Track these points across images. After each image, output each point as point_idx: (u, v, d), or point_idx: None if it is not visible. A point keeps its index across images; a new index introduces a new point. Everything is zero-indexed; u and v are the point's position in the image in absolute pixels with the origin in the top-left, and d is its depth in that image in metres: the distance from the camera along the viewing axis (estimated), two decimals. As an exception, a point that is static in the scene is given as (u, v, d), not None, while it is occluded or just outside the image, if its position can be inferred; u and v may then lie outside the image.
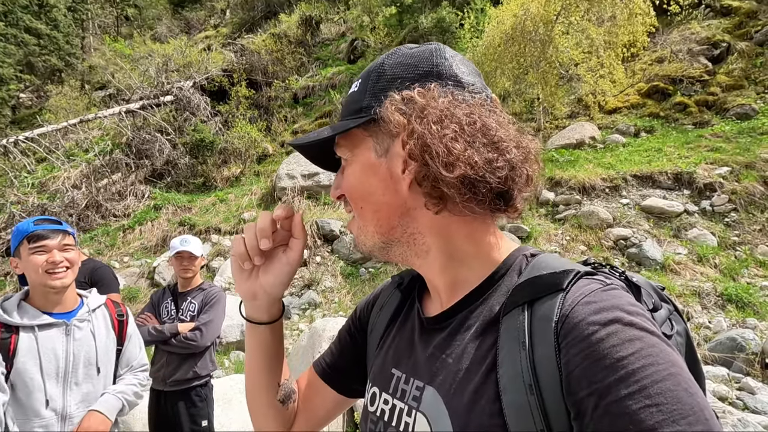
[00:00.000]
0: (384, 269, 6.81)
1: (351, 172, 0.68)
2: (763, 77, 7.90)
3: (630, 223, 6.23)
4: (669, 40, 8.76)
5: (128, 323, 1.97)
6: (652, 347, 0.47)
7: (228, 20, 18.96)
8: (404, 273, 0.84)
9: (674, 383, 0.44)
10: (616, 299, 0.52)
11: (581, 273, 0.56)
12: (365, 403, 0.75)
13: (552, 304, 0.54)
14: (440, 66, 0.65)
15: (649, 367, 0.45)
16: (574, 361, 0.49)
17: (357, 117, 0.66)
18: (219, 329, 2.83)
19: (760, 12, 8.64)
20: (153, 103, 12.17)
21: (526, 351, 0.53)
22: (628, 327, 0.48)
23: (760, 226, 5.92)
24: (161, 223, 9.32)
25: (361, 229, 0.69)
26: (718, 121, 7.70)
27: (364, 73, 0.69)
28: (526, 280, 0.59)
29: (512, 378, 0.53)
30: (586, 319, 0.50)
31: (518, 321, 0.56)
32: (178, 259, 2.83)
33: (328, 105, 11.28)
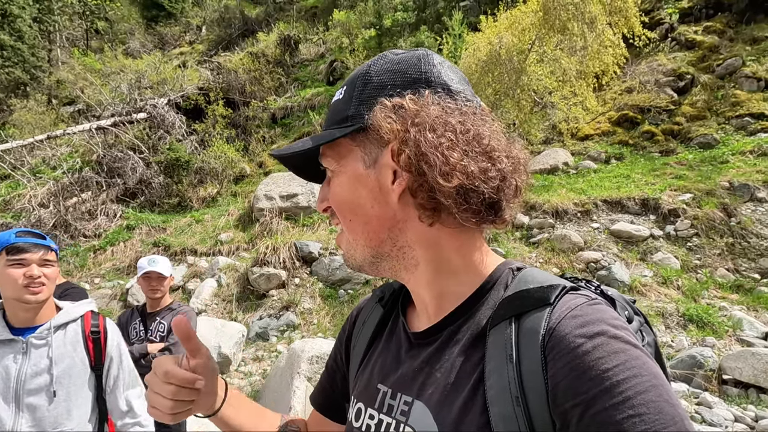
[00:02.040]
0: (363, 291, 6.82)
1: (338, 184, 0.66)
2: (723, 109, 8.41)
3: (600, 246, 6.47)
4: (637, 71, 9.24)
5: (107, 340, 1.79)
6: (636, 359, 0.48)
7: (204, 37, 18.88)
8: (384, 287, 0.83)
9: (656, 395, 0.46)
10: (601, 313, 0.53)
11: (567, 288, 0.57)
12: (350, 417, 0.73)
13: (539, 318, 0.54)
14: (429, 73, 0.63)
15: (632, 379, 0.46)
16: (561, 373, 0.50)
17: (343, 126, 0.64)
18: None
19: (722, 47, 9.23)
20: (125, 120, 11.93)
21: (513, 364, 0.53)
22: (612, 340, 0.49)
23: (720, 250, 6.25)
24: (134, 243, 9.08)
25: (350, 243, 0.67)
26: (683, 150, 8.13)
27: (349, 80, 0.67)
28: (513, 293, 0.59)
29: (499, 390, 0.53)
30: (573, 332, 0.51)
31: (505, 334, 0.56)
32: (146, 279, 2.81)
33: (307, 126, 11.32)
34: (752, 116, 8.13)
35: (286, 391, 4.32)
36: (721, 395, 4.00)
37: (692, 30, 9.57)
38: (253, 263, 7.30)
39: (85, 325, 1.79)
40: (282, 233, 7.91)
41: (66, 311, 1.78)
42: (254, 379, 5.45)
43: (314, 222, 8.18)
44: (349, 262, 0.69)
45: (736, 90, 8.53)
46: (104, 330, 1.81)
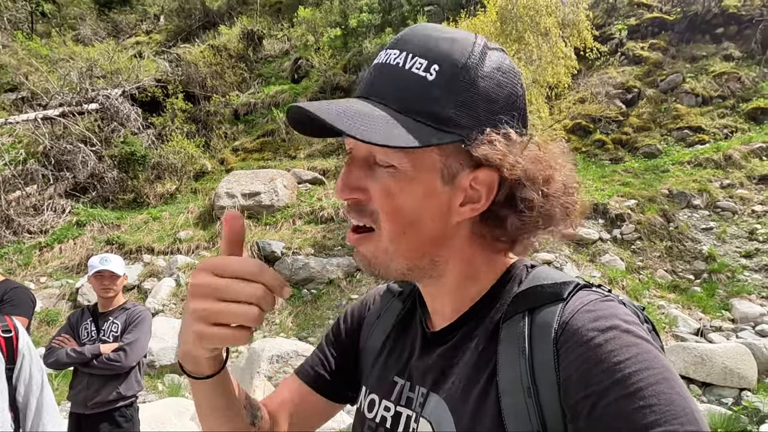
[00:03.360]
0: (326, 290, 6.86)
1: (408, 191, 0.58)
2: (666, 121, 9.04)
3: (553, 248, 6.82)
4: (590, 83, 9.76)
5: (18, 339, 1.78)
6: (648, 353, 0.49)
7: (162, 27, 18.18)
8: (402, 282, 0.80)
9: (668, 386, 0.46)
10: (614, 309, 0.53)
11: (580, 285, 0.58)
12: (361, 409, 0.73)
13: (552, 312, 0.55)
14: (521, 98, 0.60)
15: (644, 371, 0.47)
16: (573, 366, 0.50)
17: (438, 128, 0.55)
18: (145, 349, 2.79)
19: (665, 63, 9.91)
20: (75, 111, 11.32)
21: (525, 356, 0.54)
22: (625, 334, 0.50)
23: (659, 253, 6.75)
24: (85, 241, 8.69)
25: (389, 252, 0.61)
26: (630, 158, 8.68)
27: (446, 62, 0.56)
28: (526, 288, 0.60)
29: (511, 382, 0.54)
30: (586, 326, 0.52)
31: (518, 327, 0.57)
32: (98, 278, 2.75)
33: (271, 124, 11.18)
34: (691, 129, 8.80)
35: (247, 391, 4.30)
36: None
37: (639, 46, 10.22)
38: (214, 262, 7.18)
39: None
40: (244, 232, 7.82)
41: None
42: (214, 379, 5.39)
43: (277, 221, 8.13)
44: (376, 269, 0.62)
45: (677, 104, 9.19)
46: (15, 329, 1.80)
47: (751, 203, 7.03)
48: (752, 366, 4.11)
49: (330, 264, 7.02)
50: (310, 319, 6.41)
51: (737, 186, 7.31)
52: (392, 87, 0.57)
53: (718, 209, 7.11)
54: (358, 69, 11.46)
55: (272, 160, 10.22)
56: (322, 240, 7.47)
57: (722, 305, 5.83)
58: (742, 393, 4.00)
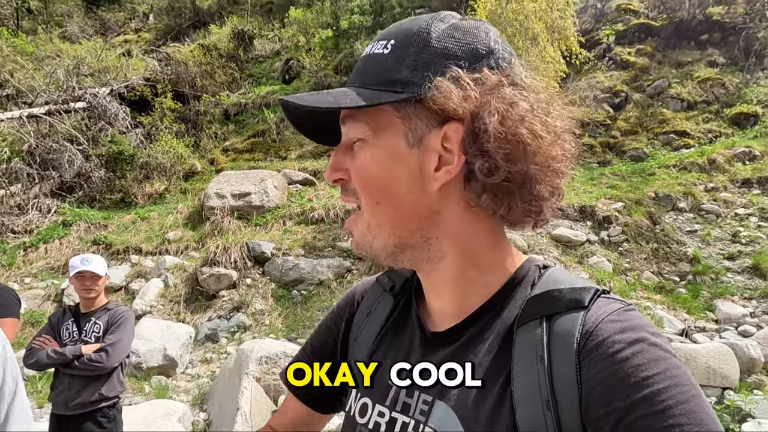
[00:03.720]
0: (317, 291, 6.85)
1: (371, 157, 0.58)
2: (652, 125, 9.19)
3: (542, 250, 6.89)
4: (578, 87, 9.89)
5: None
6: (677, 368, 0.47)
7: (151, 25, 18.02)
8: (392, 275, 0.76)
9: (697, 405, 0.44)
10: (639, 320, 0.51)
11: (600, 291, 0.55)
12: (351, 412, 0.68)
13: (573, 320, 0.52)
14: (497, 50, 0.57)
15: (674, 388, 0.45)
16: (596, 378, 0.48)
17: (391, 90, 0.55)
18: (127, 350, 2.78)
19: (651, 68, 10.08)
20: (61, 109, 11.17)
21: (544, 365, 0.51)
22: (653, 347, 0.48)
23: (646, 255, 6.85)
24: (71, 241, 8.56)
25: (370, 228, 0.60)
26: (617, 161, 8.81)
27: (401, 35, 0.58)
28: (542, 293, 0.57)
29: (528, 392, 0.51)
30: (612, 338, 0.49)
31: (535, 334, 0.53)
32: (79, 279, 2.74)
33: (262, 124, 11.13)
34: (676, 133, 8.96)
35: (234, 392, 4.29)
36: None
37: (626, 51, 10.39)
38: (203, 263, 7.13)
39: None
40: (233, 233, 7.77)
41: None
42: (202, 381, 5.35)
43: (267, 222, 8.10)
44: (363, 248, 0.62)
45: (663, 109, 9.35)
46: None
47: (734, 206, 7.17)
48: (734, 366, 4.20)
49: (320, 265, 7.01)
50: (299, 321, 6.40)
51: (721, 189, 7.46)
52: (360, 71, 0.60)
53: (702, 212, 7.24)
54: (350, 70, 11.47)
55: (263, 160, 10.18)
56: (312, 241, 7.45)
57: (706, 306, 5.94)
58: (725, 392, 4.09)
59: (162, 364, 5.34)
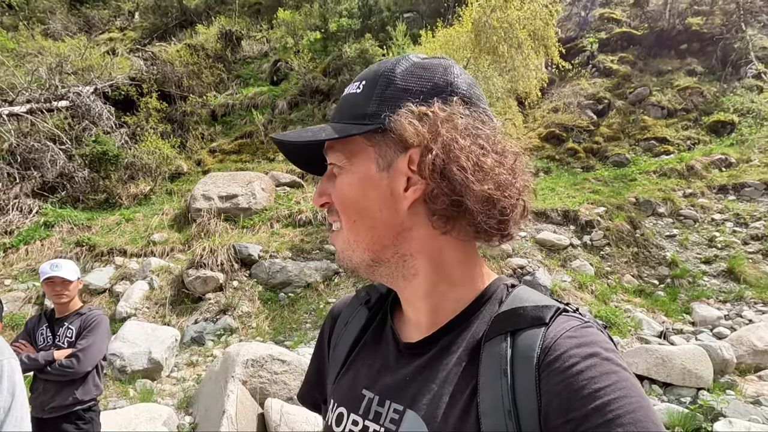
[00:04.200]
0: (304, 294, 6.87)
1: (347, 182, 0.65)
2: (634, 132, 9.42)
3: (526, 254, 7.02)
4: (563, 93, 10.08)
5: None
6: (626, 381, 0.51)
7: (137, 24, 17.81)
8: (369, 288, 0.81)
9: (644, 415, 0.49)
10: (594, 336, 0.56)
11: (560, 309, 0.59)
12: (329, 422, 0.72)
13: (534, 336, 0.56)
14: (454, 84, 0.64)
15: (623, 399, 0.49)
16: (554, 390, 0.52)
17: (361, 123, 0.63)
18: (100, 354, 2.78)
19: (633, 76, 10.33)
20: (44, 108, 10.99)
21: (507, 378, 0.55)
22: (605, 362, 0.52)
23: (627, 258, 7.03)
24: (53, 242, 8.42)
25: (350, 243, 0.66)
26: (600, 167, 9.00)
27: (370, 75, 0.66)
28: (508, 310, 0.61)
29: (492, 404, 0.55)
30: (568, 352, 0.53)
31: (500, 349, 0.57)
32: (50, 284, 2.73)
33: (249, 125, 11.09)
34: (657, 140, 9.19)
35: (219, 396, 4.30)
36: (623, 387, 4.55)
37: (609, 59, 10.63)
38: (189, 265, 7.09)
39: None
40: (220, 235, 7.75)
41: None
42: (188, 384, 5.33)
43: (254, 224, 8.09)
44: (344, 262, 0.68)
45: (644, 116, 9.59)
46: None
47: (710, 212, 7.40)
48: (708, 366, 4.35)
49: (308, 267, 7.03)
50: (287, 323, 6.41)
51: (698, 195, 7.68)
52: (338, 109, 0.68)
53: (681, 217, 7.45)
54: (338, 73, 11.51)
55: (250, 162, 10.15)
56: (300, 243, 7.47)
57: (683, 309, 6.12)
58: (699, 392, 4.23)
59: (147, 368, 5.30)
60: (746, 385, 4.38)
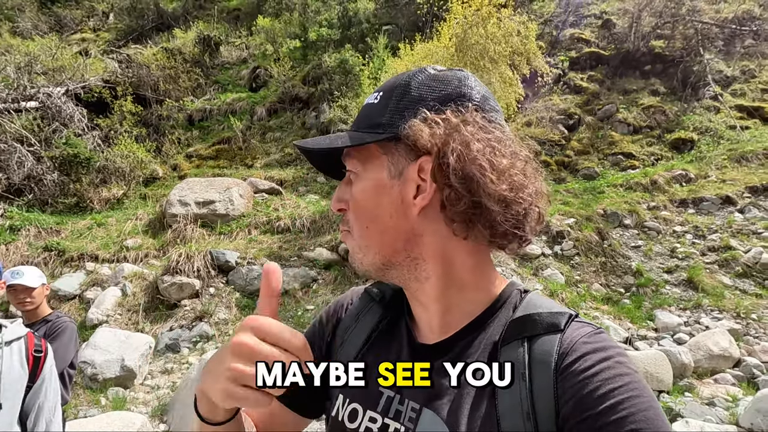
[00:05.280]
0: (282, 301, 6.88)
1: (361, 189, 0.67)
2: (603, 147, 9.85)
3: (500, 262, 7.22)
4: (535, 108, 10.46)
5: (45, 360, 1.92)
6: (638, 382, 0.54)
7: (111, 25, 17.47)
8: (382, 286, 0.81)
9: (654, 414, 0.51)
10: (607, 342, 0.59)
11: (573, 316, 0.62)
12: (340, 417, 0.71)
13: (551, 342, 0.59)
14: (468, 94, 0.65)
15: (635, 398, 0.52)
16: (570, 392, 0.54)
17: (375, 132, 0.65)
18: (65, 361, 2.70)
19: (601, 94, 10.81)
20: (11, 108, 10.68)
21: (525, 382, 0.57)
22: (618, 365, 0.55)
23: (595, 267, 7.33)
24: (19, 246, 8.15)
25: (361, 247, 0.68)
26: (571, 179, 9.36)
27: (387, 87, 0.68)
28: (524, 315, 0.63)
29: (511, 406, 0.57)
30: (584, 357, 0.56)
31: (518, 353, 0.59)
32: (12, 292, 2.68)
33: (227, 131, 11.04)
34: (623, 155, 9.64)
35: (197, 403, 4.28)
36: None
37: (579, 77, 11.10)
38: (164, 271, 7.00)
39: (28, 344, 1.91)
40: (197, 241, 7.68)
41: (12, 329, 1.89)
42: (162, 392, 5.26)
43: (232, 230, 8.05)
44: (356, 264, 0.70)
45: (612, 132, 10.05)
46: (46, 351, 1.94)
47: (672, 224, 7.81)
48: (668, 370, 4.60)
49: (286, 275, 7.04)
50: (264, 330, 6.40)
51: (661, 208, 8.10)
52: (358, 118, 0.71)
53: (645, 229, 7.82)
54: (318, 81, 11.60)
55: (228, 168, 10.09)
56: (278, 250, 7.48)
57: (647, 316, 6.42)
58: (660, 395, 4.47)
59: (119, 375, 5.21)
60: (703, 388, 4.65)
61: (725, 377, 4.80)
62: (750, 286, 6.46)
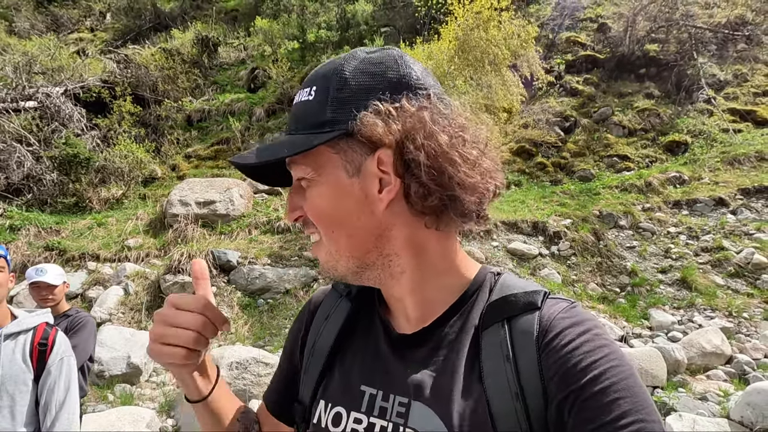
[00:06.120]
0: (283, 300, 6.95)
1: (318, 194, 0.63)
2: (598, 149, 10.00)
3: (498, 262, 7.34)
4: (532, 110, 10.61)
5: (51, 354, 1.81)
6: (616, 353, 0.55)
7: (108, 25, 17.46)
8: None
9: (634, 382, 0.53)
10: (584, 314, 0.60)
11: (547, 293, 0.63)
12: (323, 424, 0.69)
13: (530, 320, 0.59)
14: (409, 76, 0.62)
15: (615, 368, 0.53)
16: (554, 368, 0.55)
17: (321, 132, 0.60)
18: (85, 354, 2.80)
19: (597, 97, 10.97)
20: (10, 108, 10.69)
21: (510, 362, 0.57)
22: (596, 337, 0.57)
23: (591, 267, 7.47)
24: (20, 246, 8.18)
25: (332, 254, 0.65)
26: (568, 181, 9.51)
27: (318, 79, 0.63)
28: (500, 298, 0.63)
29: (499, 388, 0.57)
30: (564, 332, 0.57)
31: (500, 335, 0.60)
32: (35, 289, 2.80)
33: (226, 131, 11.09)
34: (619, 157, 9.79)
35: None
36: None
37: (575, 80, 11.26)
38: (166, 271, 7.06)
39: (35, 336, 1.83)
40: (198, 241, 7.74)
41: (19, 321, 1.83)
42: (168, 388, 5.33)
43: (233, 230, 8.12)
44: (330, 272, 0.67)
45: (607, 134, 10.20)
46: (52, 343, 1.85)
47: (666, 225, 7.96)
48: (662, 367, 4.73)
49: (286, 274, 7.12)
50: (266, 329, 6.48)
51: (656, 209, 8.25)
52: (292, 118, 0.66)
53: (640, 230, 7.97)
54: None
55: (227, 168, 10.14)
56: (278, 250, 7.56)
57: (642, 315, 6.56)
58: (654, 390, 4.60)
59: (126, 372, 5.28)
60: (696, 384, 4.79)
61: (717, 373, 4.93)
62: (742, 286, 6.62)
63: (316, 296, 0.84)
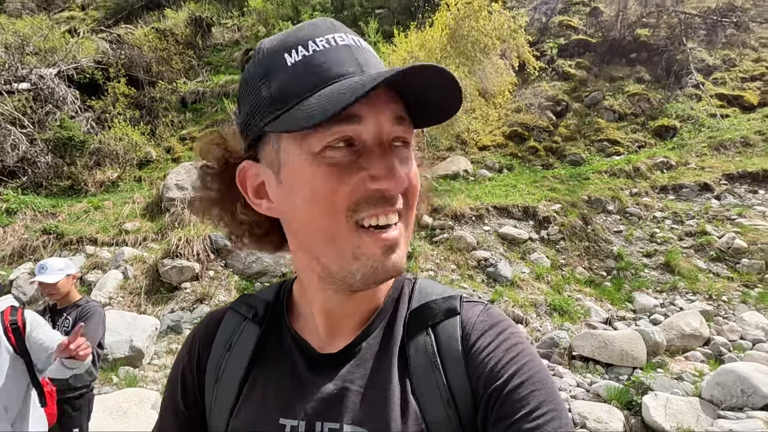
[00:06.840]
0: (279, 284, 7.13)
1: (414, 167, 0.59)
2: (589, 133, 10.14)
3: (490, 246, 7.55)
4: (524, 95, 10.68)
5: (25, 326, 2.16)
6: (528, 348, 0.59)
7: (99, 3, 17.11)
8: (249, 300, 0.72)
9: (545, 374, 0.57)
10: (498, 316, 0.63)
11: (462, 297, 0.65)
12: None
13: (452, 326, 0.61)
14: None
15: (530, 363, 0.57)
16: (479, 370, 0.58)
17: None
18: (94, 342, 2.90)
19: (589, 81, 11.05)
20: (3, 89, 10.60)
21: (439, 369, 0.59)
22: (511, 335, 0.60)
23: (579, 252, 7.69)
24: (17, 229, 8.26)
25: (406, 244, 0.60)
26: (559, 165, 9.67)
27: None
28: (421, 305, 0.64)
29: (431, 397, 0.58)
30: (484, 334, 0.60)
31: (426, 343, 0.61)
32: (40, 285, 2.96)
33: (221, 113, 11.10)
34: (609, 141, 9.95)
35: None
36: (570, 367, 5.15)
37: (567, 64, 11.31)
38: (164, 255, 7.20)
39: (4, 320, 2.13)
40: (195, 225, 7.85)
41: None
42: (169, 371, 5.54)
43: (229, 215, 8.23)
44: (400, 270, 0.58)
45: (598, 118, 10.33)
46: (23, 322, 2.17)
47: (653, 210, 8.18)
48: (642, 349, 4.99)
49: (283, 258, 7.29)
50: (263, 311, 6.67)
51: (643, 194, 8.45)
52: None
53: (627, 214, 8.18)
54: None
55: (222, 152, 10.20)
56: (275, 234, 7.70)
57: (626, 298, 6.80)
58: (634, 371, 4.87)
59: (129, 355, 5.47)
60: (674, 365, 5.06)
61: (695, 355, 5.20)
62: (722, 270, 6.88)
63: (206, 324, 0.73)
